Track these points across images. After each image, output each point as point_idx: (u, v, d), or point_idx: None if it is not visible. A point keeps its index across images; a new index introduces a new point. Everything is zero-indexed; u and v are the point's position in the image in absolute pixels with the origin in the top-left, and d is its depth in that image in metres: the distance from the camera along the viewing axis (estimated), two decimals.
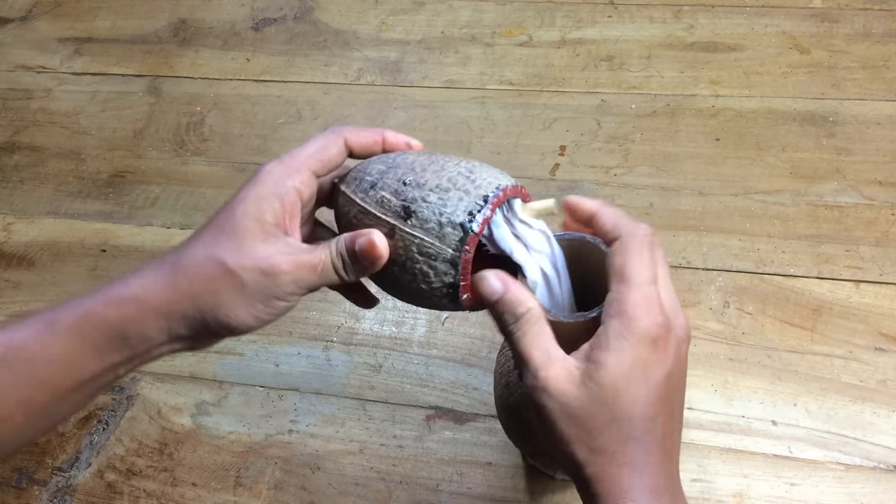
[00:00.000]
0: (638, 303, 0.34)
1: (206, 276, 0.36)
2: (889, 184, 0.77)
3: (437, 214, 0.35)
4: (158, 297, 0.36)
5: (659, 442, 0.35)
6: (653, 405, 0.34)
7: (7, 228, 0.88)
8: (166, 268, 0.36)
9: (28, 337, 0.35)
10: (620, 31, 0.93)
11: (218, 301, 0.36)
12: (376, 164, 0.39)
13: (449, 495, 0.65)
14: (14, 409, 0.35)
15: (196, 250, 0.36)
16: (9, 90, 1.02)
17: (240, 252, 0.36)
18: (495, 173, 0.37)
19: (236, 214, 0.36)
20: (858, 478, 0.62)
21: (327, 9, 1.03)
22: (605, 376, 0.33)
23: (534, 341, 0.35)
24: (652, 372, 0.34)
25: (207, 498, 0.67)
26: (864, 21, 0.90)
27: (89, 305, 0.36)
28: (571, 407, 0.34)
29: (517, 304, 0.35)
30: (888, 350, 0.68)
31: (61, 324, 0.35)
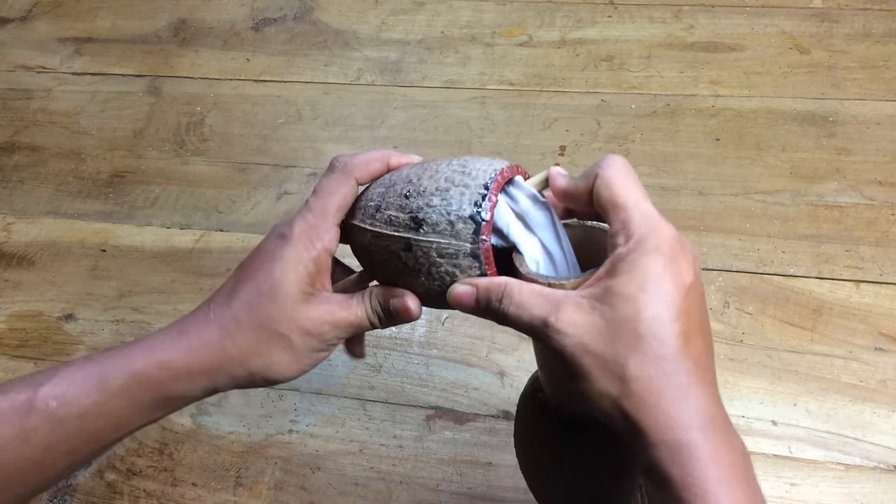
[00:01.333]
0: (640, 221, 0.33)
1: (256, 342, 0.38)
2: (889, 184, 0.77)
3: (445, 215, 0.36)
4: (208, 362, 0.38)
5: (698, 361, 0.32)
6: (680, 319, 0.31)
7: (7, 228, 0.88)
8: (213, 329, 0.38)
9: (80, 393, 0.37)
10: (620, 31, 0.93)
11: (268, 362, 0.38)
12: (374, 188, 0.39)
13: (449, 495, 0.65)
14: (60, 459, 0.37)
15: (241, 314, 0.38)
16: (9, 90, 1.02)
17: (286, 316, 0.38)
18: (487, 161, 0.37)
19: (276, 279, 0.38)
20: (858, 478, 0.62)
21: (327, 9, 1.03)
22: (618, 295, 0.31)
23: (528, 302, 0.34)
24: (672, 283, 0.32)
25: (207, 498, 0.67)
26: (864, 21, 0.90)
27: (140, 366, 0.37)
28: (590, 335, 0.31)
29: (493, 287, 0.35)
30: (888, 350, 0.68)
31: (112, 384, 0.37)
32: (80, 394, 0.36)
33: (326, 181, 0.40)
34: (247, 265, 0.40)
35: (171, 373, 0.37)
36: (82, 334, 0.79)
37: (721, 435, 0.31)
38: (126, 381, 0.37)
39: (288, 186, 0.87)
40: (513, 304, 0.34)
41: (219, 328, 0.38)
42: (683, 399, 0.31)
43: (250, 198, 0.86)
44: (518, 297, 0.34)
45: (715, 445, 0.31)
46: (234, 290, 0.39)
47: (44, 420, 0.36)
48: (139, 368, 0.37)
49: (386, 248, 0.38)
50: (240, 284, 0.39)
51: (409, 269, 0.37)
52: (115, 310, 0.80)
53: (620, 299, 0.31)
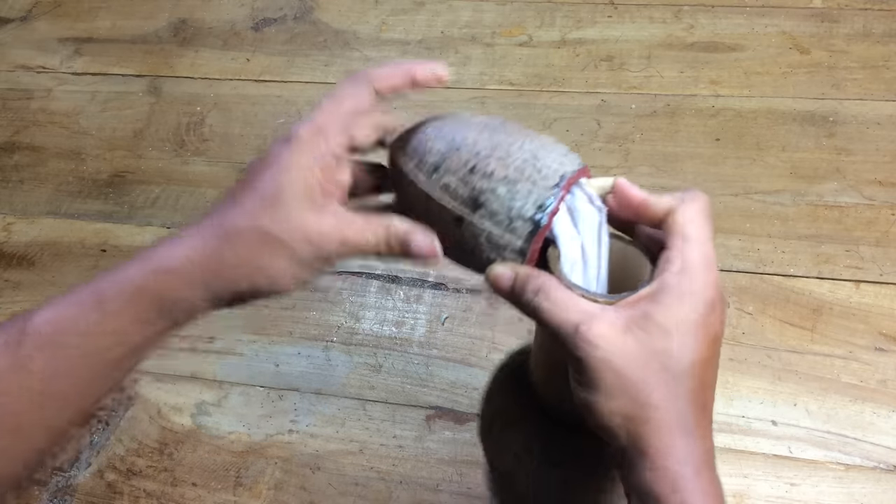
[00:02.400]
0: (699, 261, 0.33)
1: (256, 248, 0.36)
2: (889, 184, 0.77)
3: (506, 208, 0.35)
4: (206, 269, 0.36)
5: (707, 407, 0.33)
6: (702, 365, 0.33)
7: (7, 228, 0.88)
8: (211, 237, 0.36)
9: (77, 314, 0.35)
10: (620, 31, 0.93)
11: (267, 270, 0.36)
12: (436, 140, 0.37)
13: (449, 495, 0.65)
14: (68, 388, 0.35)
15: (240, 220, 0.36)
16: (9, 90, 1.02)
17: (289, 223, 0.36)
18: (559, 155, 0.36)
19: (280, 184, 0.36)
20: (858, 478, 0.62)
21: (327, 9, 1.03)
22: (657, 325, 0.32)
23: (564, 304, 0.33)
24: (705, 330, 0.33)
25: (207, 498, 0.67)
26: (864, 21, 0.90)
27: (138, 280, 0.36)
28: (619, 356, 0.32)
29: (532, 277, 0.34)
30: (888, 350, 0.68)
31: (110, 299, 0.35)
32: (76, 315, 0.35)
33: (341, 85, 0.38)
34: (253, 169, 0.38)
35: (169, 281, 0.36)
36: None
37: (709, 476, 0.34)
38: (123, 294, 0.35)
39: None
40: (548, 299, 0.34)
41: (217, 235, 0.36)
42: (689, 437, 0.33)
43: None
44: (555, 294, 0.34)
45: (704, 483, 0.33)
46: (236, 196, 0.37)
47: (39, 347, 0.34)
48: (136, 279, 0.35)
49: (434, 212, 0.37)
50: (242, 191, 0.37)
51: (453, 239, 0.37)
52: None
53: (660, 330, 0.32)
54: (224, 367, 0.74)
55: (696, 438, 0.33)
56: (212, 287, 0.36)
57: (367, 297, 0.77)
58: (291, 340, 0.75)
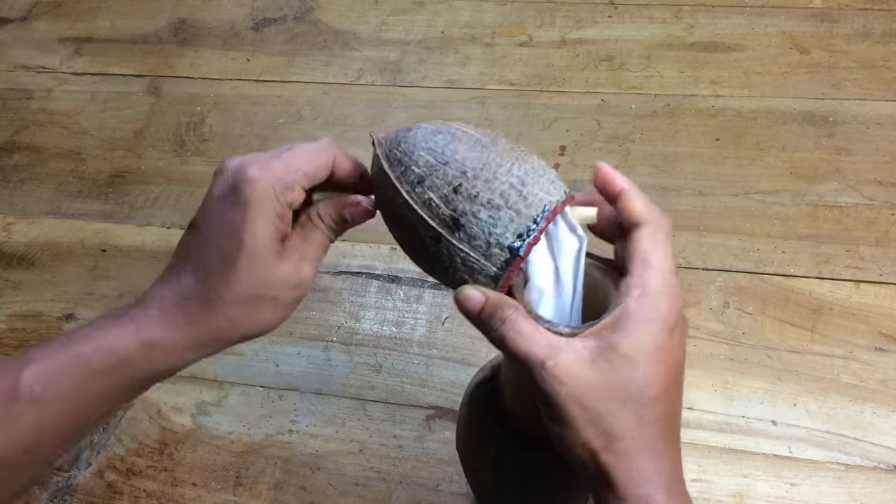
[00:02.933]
0: (661, 289, 0.33)
1: (244, 309, 0.37)
2: (889, 184, 0.77)
3: (486, 234, 0.35)
4: (198, 337, 0.37)
5: (675, 428, 0.34)
6: (668, 390, 0.33)
7: (7, 228, 0.88)
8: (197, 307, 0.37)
9: (64, 377, 0.36)
10: (620, 31, 0.93)
11: (257, 322, 0.38)
12: (423, 152, 0.36)
13: (449, 495, 0.65)
14: (50, 441, 0.37)
15: (220, 290, 0.36)
16: (9, 90, 1.02)
17: (268, 279, 0.37)
18: (546, 182, 0.36)
19: (246, 244, 0.36)
20: (858, 478, 0.62)
21: (327, 9, 1.03)
22: (620, 355, 0.32)
23: (530, 336, 0.33)
24: (668, 356, 0.33)
25: (207, 498, 0.67)
26: (864, 21, 0.90)
27: (124, 348, 0.36)
28: (584, 389, 0.32)
29: (501, 306, 0.34)
30: (888, 350, 0.68)
31: (98, 367, 0.36)
32: (63, 377, 0.36)
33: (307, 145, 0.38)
34: (207, 226, 0.37)
35: (158, 352, 0.37)
36: None
37: (679, 495, 0.34)
38: (111, 362, 0.36)
39: None
40: (514, 330, 0.34)
41: (202, 304, 0.37)
42: (657, 461, 0.33)
43: None
44: (522, 326, 0.34)
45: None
46: (204, 261, 0.37)
47: (29, 405, 0.35)
48: (123, 351, 0.36)
49: (413, 224, 0.37)
50: (208, 255, 0.37)
51: (427, 252, 0.37)
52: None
53: (622, 360, 0.32)
54: (224, 367, 0.74)
55: (665, 461, 0.33)
56: (203, 350, 0.38)
57: (367, 297, 0.77)
58: (291, 340, 0.75)
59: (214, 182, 0.39)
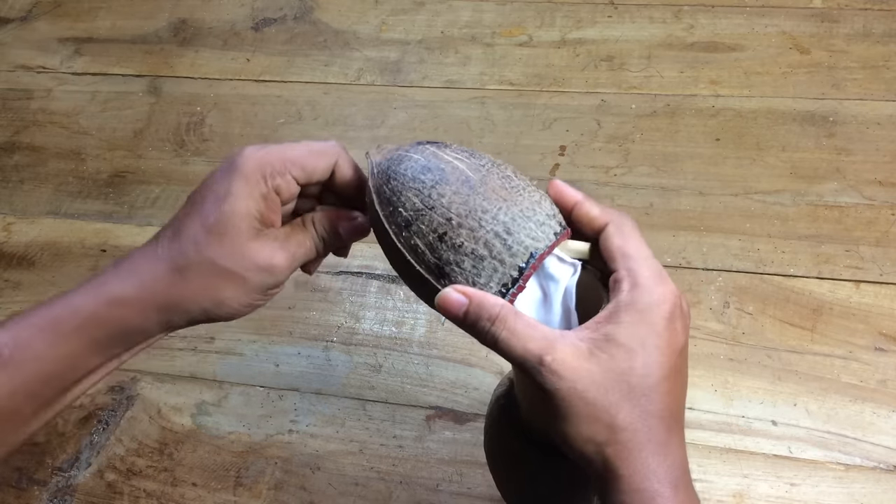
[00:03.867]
0: (649, 274, 0.33)
1: (208, 278, 0.37)
2: (889, 184, 0.77)
3: (469, 283, 0.35)
4: (159, 298, 0.37)
5: (679, 419, 0.34)
6: (669, 378, 0.33)
7: (7, 228, 0.88)
8: (162, 269, 0.37)
9: (33, 337, 0.36)
10: (620, 31, 0.93)
11: (220, 298, 0.37)
12: (411, 193, 0.36)
13: (449, 495, 0.65)
14: (23, 403, 0.37)
15: (190, 250, 0.37)
16: (9, 90, 1.02)
17: (238, 253, 0.37)
18: (534, 227, 0.35)
19: (225, 213, 0.37)
20: (858, 478, 0.62)
21: (327, 9, 1.03)
22: (619, 345, 0.32)
23: (523, 332, 0.33)
24: (668, 342, 0.33)
25: (207, 498, 0.67)
26: (864, 21, 0.90)
27: (91, 307, 0.37)
28: (585, 382, 0.32)
29: (488, 306, 0.33)
30: (888, 350, 0.68)
31: (65, 326, 0.36)
32: (32, 337, 0.36)
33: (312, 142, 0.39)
34: (196, 196, 0.38)
35: (123, 309, 0.37)
36: None
37: (686, 490, 0.34)
38: (78, 320, 0.36)
39: None
40: (506, 329, 0.33)
41: (168, 265, 0.37)
42: (662, 454, 0.33)
43: None
44: (514, 323, 0.33)
45: (682, 498, 0.33)
46: (182, 224, 0.38)
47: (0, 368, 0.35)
48: (90, 307, 0.37)
49: (402, 264, 0.37)
50: (188, 218, 0.38)
51: (416, 287, 0.37)
52: None
53: (621, 350, 0.32)
54: (224, 367, 0.74)
55: (669, 454, 0.33)
56: (165, 315, 0.38)
57: (367, 297, 0.77)
58: (291, 340, 0.75)
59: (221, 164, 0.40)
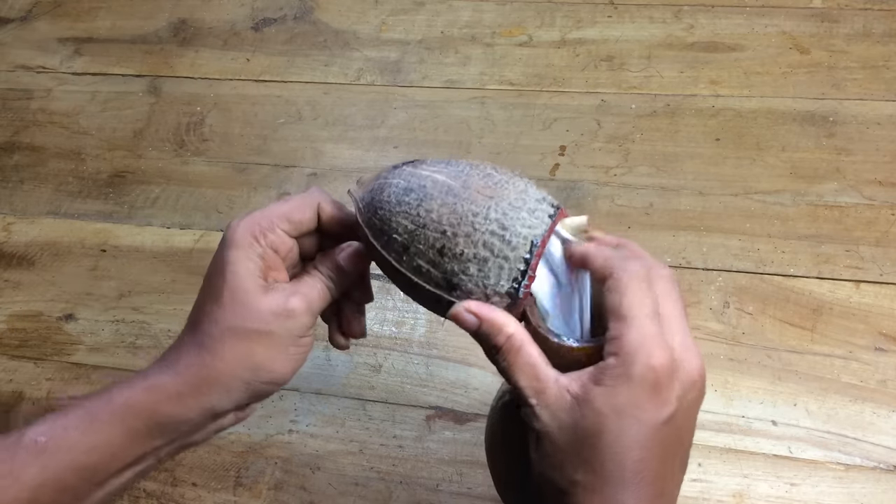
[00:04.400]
0: (636, 341, 0.32)
1: (235, 347, 0.38)
2: (889, 184, 0.77)
3: (481, 287, 0.35)
4: (194, 381, 0.38)
5: (650, 488, 0.33)
6: (644, 448, 0.33)
7: (7, 228, 0.88)
8: (192, 351, 0.38)
9: (69, 426, 0.36)
10: (620, 31, 0.93)
11: (254, 363, 0.38)
12: (400, 217, 0.36)
13: (449, 495, 0.65)
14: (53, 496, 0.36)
15: (211, 329, 0.38)
16: (9, 90, 1.02)
17: (254, 311, 0.38)
18: (527, 215, 0.35)
19: (228, 281, 0.38)
20: (858, 478, 0.62)
21: (327, 9, 1.03)
22: (589, 410, 0.32)
23: (520, 370, 0.34)
24: (646, 415, 0.32)
25: (207, 498, 0.67)
26: (864, 21, 0.90)
27: (126, 395, 0.37)
28: (559, 433, 0.33)
29: (494, 334, 0.35)
30: (888, 350, 0.68)
31: (102, 414, 0.37)
32: (68, 426, 0.36)
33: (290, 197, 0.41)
34: (204, 284, 0.40)
35: (159, 396, 0.37)
36: (82, 334, 0.79)
37: None
38: (115, 409, 0.37)
39: (288, 187, 0.87)
40: (506, 360, 0.35)
41: (196, 349, 0.38)
42: None
43: (250, 198, 0.86)
44: (514, 357, 0.35)
45: None
46: (199, 309, 0.39)
47: (32, 456, 0.35)
48: (125, 395, 0.37)
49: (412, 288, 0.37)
50: (201, 300, 0.39)
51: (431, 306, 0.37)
52: (115, 310, 0.80)
53: (593, 413, 0.32)
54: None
55: None
56: (205, 400, 0.38)
57: None
58: None
59: None
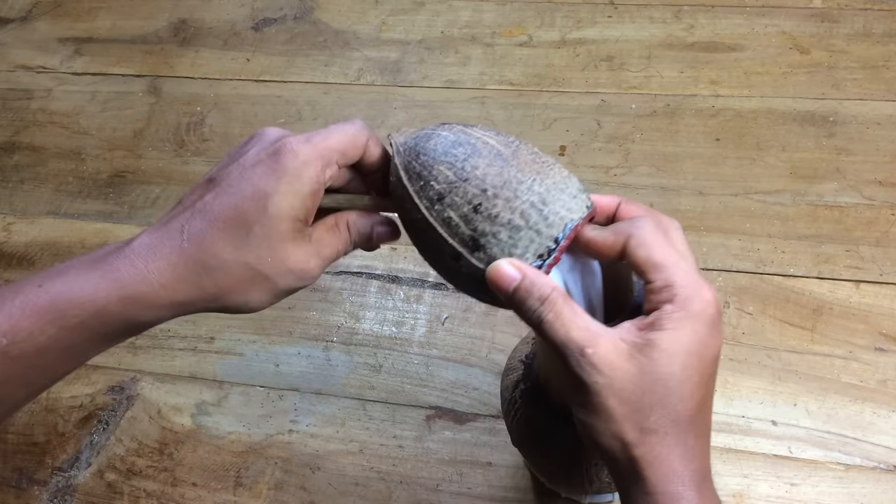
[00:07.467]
0: (685, 284, 0.33)
1: (238, 280, 0.35)
2: (889, 184, 0.77)
3: (505, 254, 0.34)
4: (180, 296, 0.35)
5: (707, 423, 0.34)
6: (704, 385, 0.33)
7: (7, 228, 0.88)
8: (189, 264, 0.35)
9: (34, 329, 0.34)
10: (620, 31, 0.93)
11: (245, 299, 0.36)
12: (443, 167, 0.35)
13: (449, 495, 0.65)
14: (17, 391, 0.35)
15: (224, 251, 0.35)
16: (9, 90, 1.02)
17: (276, 257, 0.35)
18: (568, 198, 0.35)
19: (270, 216, 0.34)
20: (858, 478, 0.62)
21: (327, 9, 1.03)
22: (658, 353, 0.32)
23: (570, 321, 0.33)
24: (706, 352, 0.33)
25: (207, 498, 0.67)
26: (864, 21, 0.90)
27: (102, 302, 0.34)
28: (622, 382, 0.32)
29: (540, 285, 0.33)
30: (888, 350, 0.68)
31: (71, 320, 0.34)
32: (34, 329, 0.33)
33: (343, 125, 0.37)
34: (233, 183, 0.35)
35: (137, 306, 0.34)
36: None
37: (709, 493, 0.34)
38: (85, 314, 0.34)
39: None
40: (553, 311, 0.33)
41: (194, 263, 0.34)
42: (688, 458, 0.33)
43: None
44: (561, 307, 0.33)
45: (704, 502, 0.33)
46: (216, 213, 0.34)
47: None
48: (101, 302, 0.34)
49: (432, 240, 0.36)
50: (223, 208, 0.34)
51: (445, 266, 0.36)
52: None
53: (665, 355, 0.32)
54: (224, 367, 0.74)
55: (695, 458, 0.33)
56: (182, 310, 0.36)
57: (367, 297, 0.77)
58: (291, 340, 0.75)
59: (249, 144, 0.37)
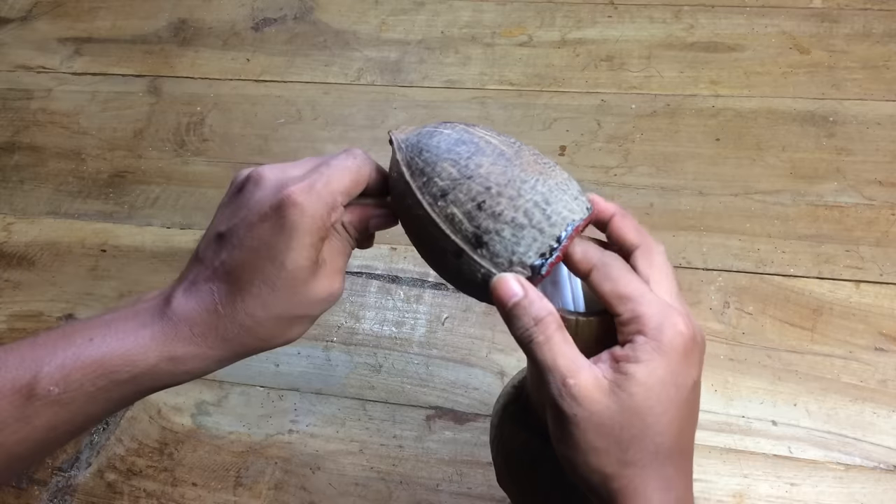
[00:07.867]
0: (657, 314, 0.33)
1: (277, 329, 0.38)
2: (889, 184, 0.77)
3: (508, 252, 0.35)
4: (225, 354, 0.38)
5: (686, 454, 0.35)
6: (682, 416, 0.34)
7: (7, 228, 0.88)
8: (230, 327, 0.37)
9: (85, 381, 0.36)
10: (620, 31, 0.93)
11: (287, 337, 0.38)
12: (447, 164, 0.36)
13: (449, 495, 0.65)
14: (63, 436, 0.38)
15: (256, 311, 0.36)
16: (9, 90, 1.02)
17: (304, 300, 0.37)
18: (570, 199, 0.35)
19: (289, 271, 0.36)
20: (858, 478, 0.62)
21: (327, 9, 1.03)
22: (636, 387, 0.32)
23: (558, 347, 0.33)
24: (682, 381, 0.34)
25: (207, 498, 0.67)
26: (864, 21, 0.90)
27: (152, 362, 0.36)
28: (602, 416, 0.33)
29: (538, 307, 0.34)
30: (888, 350, 0.68)
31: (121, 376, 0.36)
32: (84, 381, 0.36)
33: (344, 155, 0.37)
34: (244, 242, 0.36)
35: (187, 364, 0.37)
36: None
37: None
38: (135, 372, 0.36)
39: None
40: (544, 335, 0.34)
41: (234, 324, 0.37)
42: (667, 489, 0.34)
43: None
44: (553, 333, 0.34)
45: None
46: (237, 276, 0.36)
47: (46, 406, 0.35)
48: (151, 361, 0.36)
49: (434, 237, 0.36)
50: (242, 272, 0.36)
51: (446, 264, 0.37)
52: None
53: (642, 389, 0.33)
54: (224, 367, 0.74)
55: (673, 488, 0.34)
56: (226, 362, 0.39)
57: (367, 297, 0.77)
58: None
59: (247, 190, 0.37)
